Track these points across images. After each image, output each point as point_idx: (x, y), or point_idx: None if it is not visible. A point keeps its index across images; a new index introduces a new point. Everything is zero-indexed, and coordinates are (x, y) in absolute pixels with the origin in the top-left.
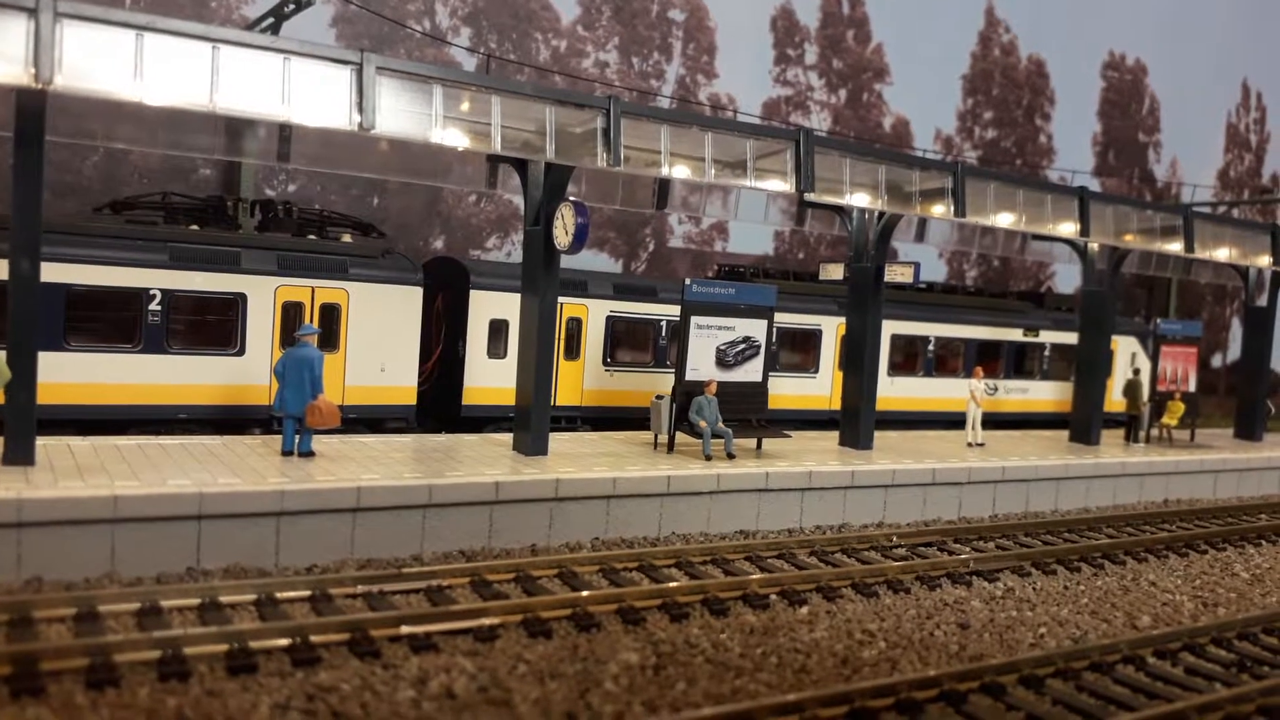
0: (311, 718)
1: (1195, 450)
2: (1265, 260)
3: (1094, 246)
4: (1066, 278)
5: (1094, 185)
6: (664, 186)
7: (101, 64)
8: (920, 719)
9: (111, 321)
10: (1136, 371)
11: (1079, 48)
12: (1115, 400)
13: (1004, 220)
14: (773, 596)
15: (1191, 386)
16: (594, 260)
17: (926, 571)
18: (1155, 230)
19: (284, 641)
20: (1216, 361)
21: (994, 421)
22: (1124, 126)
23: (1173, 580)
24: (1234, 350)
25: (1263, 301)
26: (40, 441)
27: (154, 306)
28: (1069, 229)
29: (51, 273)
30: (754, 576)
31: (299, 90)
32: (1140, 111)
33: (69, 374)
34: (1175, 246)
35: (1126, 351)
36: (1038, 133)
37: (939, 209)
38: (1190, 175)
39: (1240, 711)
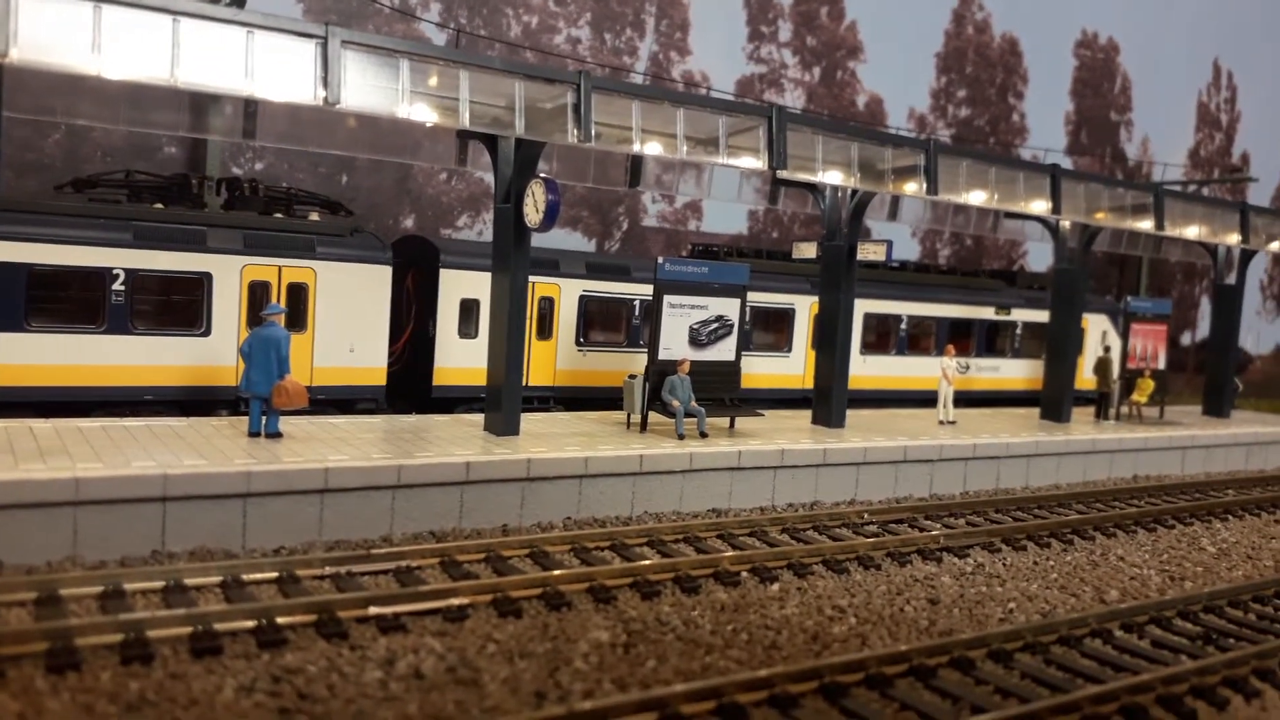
0: (277, 699)
1: (1164, 427)
2: (1234, 238)
3: (1065, 224)
4: (1039, 256)
5: (1067, 164)
6: (637, 164)
7: (59, 37)
8: (890, 693)
9: (74, 302)
10: (1107, 349)
11: (1052, 26)
12: (1086, 378)
13: (976, 198)
14: (744, 574)
15: (1161, 364)
16: (567, 239)
17: (897, 548)
18: (1126, 208)
19: (250, 623)
20: (1186, 339)
21: (966, 399)
22: (1096, 105)
23: (1140, 555)
24: (1203, 328)
25: (1231, 279)
26: (1, 424)
27: (118, 286)
28: (1041, 207)
29: (11, 252)
30: (726, 554)
31: (263, 64)
32: (1112, 90)
33: (31, 355)
34: (1146, 224)
35: (1097, 329)
36: (1011, 111)
37: (912, 187)
38: (1161, 154)
39: (1205, 683)
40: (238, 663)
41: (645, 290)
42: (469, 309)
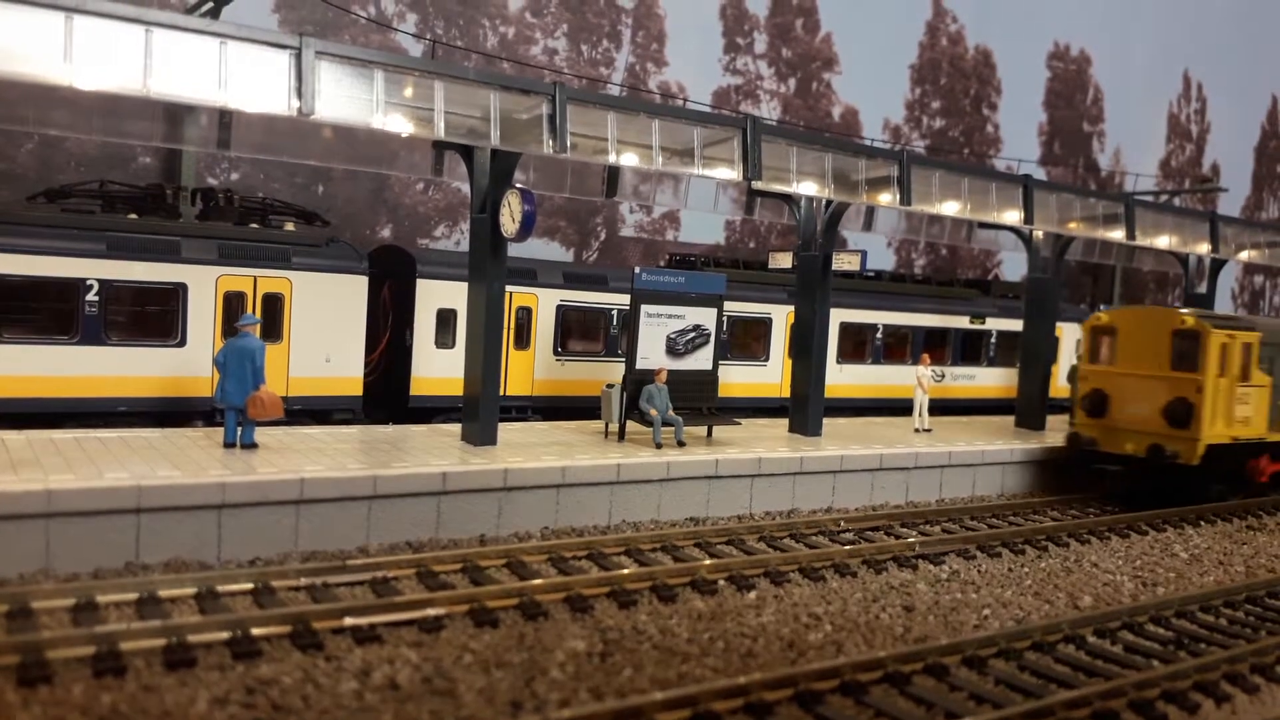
0: (251, 711)
1: None
2: (1204, 248)
3: (1038, 234)
4: (1013, 265)
5: (1040, 174)
6: (613, 175)
7: (30, 47)
8: (865, 700)
9: (47, 313)
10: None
11: (1025, 38)
12: (1060, 386)
13: (949, 208)
14: (721, 582)
15: None
16: (545, 249)
17: (873, 555)
18: (1098, 218)
19: (224, 635)
20: None
21: (941, 408)
22: (1069, 116)
23: (1114, 561)
24: None
25: (1202, 288)
26: None
27: (91, 297)
28: (1013, 217)
29: None
30: (703, 563)
31: (236, 75)
32: (1085, 102)
33: (3, 366)
34: (1117, 234)
35: (1071, 338)
36: (985, 122)
37: (885, 197)
38: (1133, 165)
39: (1176, 688)
40: (212, 674)
41: (623, 300)
42: (446, 319)
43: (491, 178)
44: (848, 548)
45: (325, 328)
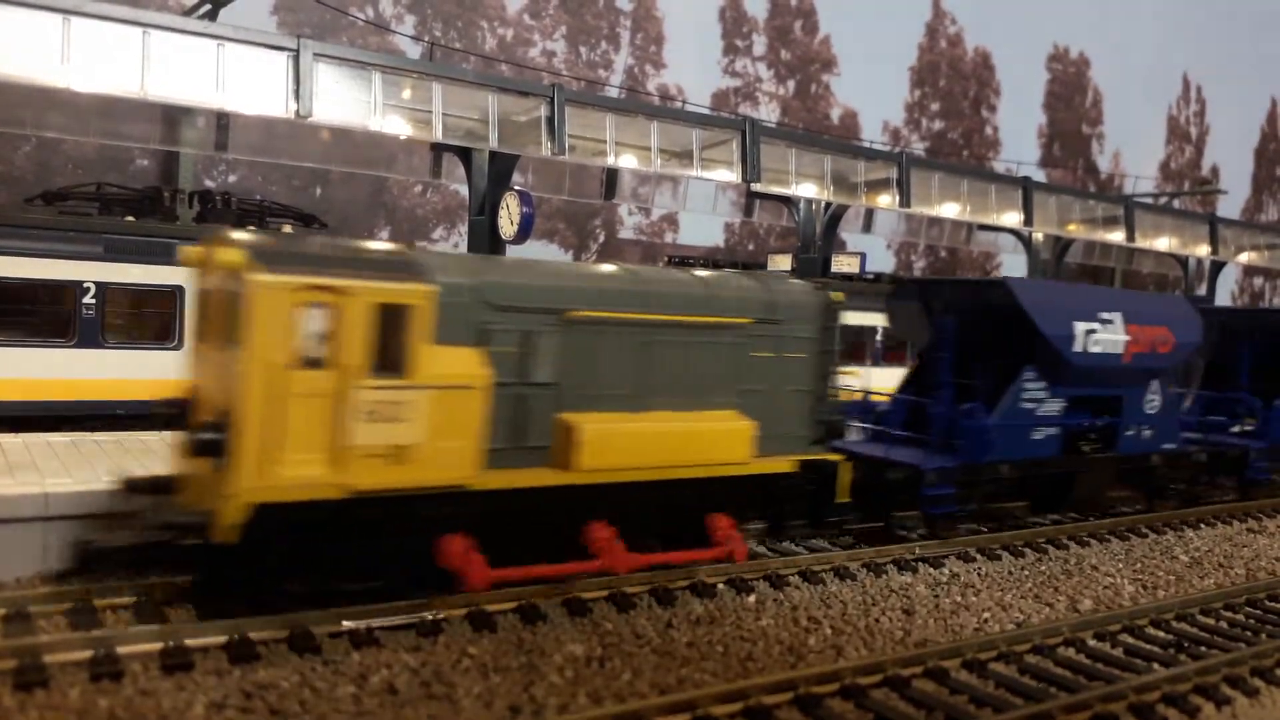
0: (248, 715)
1: None
2: (1204, 250)
3: (1038, 236)
4: (1013, 267)
5: (1040, 177)
6: (612, 177)
7: (26, 49)
8: (865, 704)
9: (44, 315)
10: None
11: (1024, 40)
12: None
13: (949, 210)
14: (720, 586)
15: None
16: (543, 251)
17: (873, 559)
18: (1097, 220)
19: (221, 639)
20: None
21: None
22: (1068, 119)
23: (1114, 564)
24: None
25: (1202, 290)
26: None
27: (88, 300)
28: (1013, 219)
29: None
30: (702, 565)
31: (234, 77)
32: (1084, 104)
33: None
34: (1117, 236)
35: None
36: (984, 124)
37: (885, 199)
38: (1133, 167)
39: (1177, 691)
40: (209, 679)
41: None
42: None
43: (490, 180)
44: (847, 551)
45: None
